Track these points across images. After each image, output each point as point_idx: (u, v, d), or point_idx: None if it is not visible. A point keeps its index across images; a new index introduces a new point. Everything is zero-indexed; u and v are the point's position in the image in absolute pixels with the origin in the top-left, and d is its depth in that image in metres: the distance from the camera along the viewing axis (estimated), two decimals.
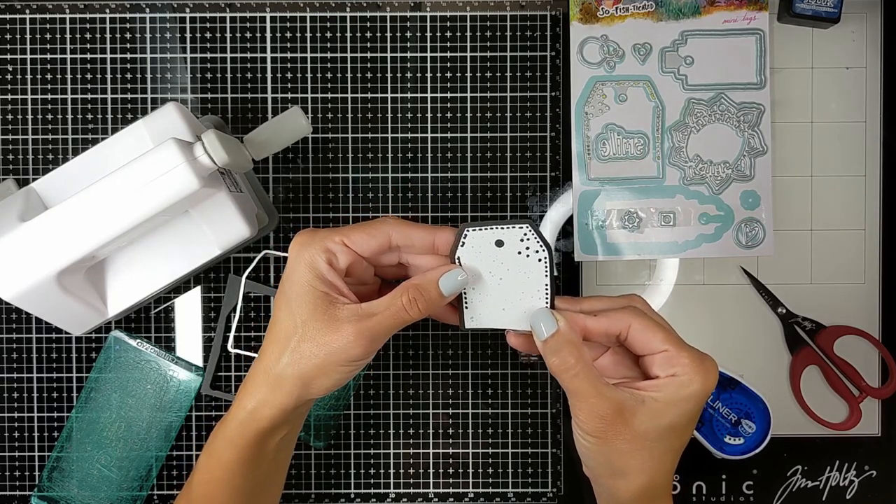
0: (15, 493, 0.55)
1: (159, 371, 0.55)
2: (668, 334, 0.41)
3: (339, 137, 0.55)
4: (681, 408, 0.40)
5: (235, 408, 0.43)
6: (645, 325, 0.41)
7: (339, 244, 0.42)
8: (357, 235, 0.42)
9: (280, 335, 0.42)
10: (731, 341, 0.55)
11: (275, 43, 0.55)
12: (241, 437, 0.42)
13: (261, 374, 0.42)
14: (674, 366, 0.40)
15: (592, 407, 0.40)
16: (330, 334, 0.41)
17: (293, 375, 0.41)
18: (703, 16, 0.53)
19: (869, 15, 0.55)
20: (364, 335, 0.41)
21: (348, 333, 0.41)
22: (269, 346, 0.42)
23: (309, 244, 0.42)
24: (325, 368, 0.41)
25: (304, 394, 0.42)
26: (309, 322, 0.41)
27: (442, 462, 0.56)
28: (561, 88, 0.55)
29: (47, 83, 0.55)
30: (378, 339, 0.42)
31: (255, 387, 0.42)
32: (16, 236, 0.43)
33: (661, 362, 0.41)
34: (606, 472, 0.42)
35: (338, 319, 0.41)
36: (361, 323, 0.41)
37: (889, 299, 0.55)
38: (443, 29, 0.55)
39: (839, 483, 0.55)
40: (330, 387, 0.42)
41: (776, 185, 0.54)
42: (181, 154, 0.42)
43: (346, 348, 0.41)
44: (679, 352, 0.40)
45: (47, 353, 0.55)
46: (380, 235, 0.43)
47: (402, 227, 0.43)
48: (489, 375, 0.55)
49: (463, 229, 0.42)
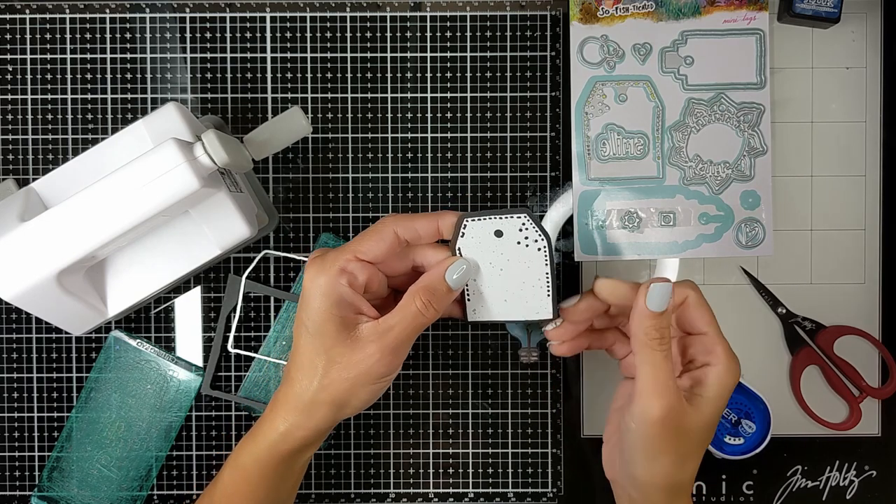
0: (15, 493, 0.55)
1: (159, 371, 0.55)
2: (713, 319, 0.43)
3: (339, 137, 0.55)
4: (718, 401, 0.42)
5: (267, 428, 0.43)
6: (699, 301, 0.43)
7: (352, 261, 0.42)
8: (366, 244, 0.42)
9: (305, 363, 0.42)
10: (731, 341, 0.55)
11: (275, 43, 0.55)
12: (270, 458, 0.43)
13: (292, 399, 0.43)
14: (710, 352, 0.42)
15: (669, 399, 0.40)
16: (355, 356, 0.41)
17: (325, 401, 0.42)
18: (703, 16, 0.53)
19: (869, 15, 0.55)
20: (387, 351, 0.41)
21: (373, 353, 0.41)
22: (297, 374, 0.43)
23: (322, 270, 0.42)
24: (356, 390, 0.42)
25: (338, 416, 0.43)
26: (334, 348, 0.41)
27: (442, 462, 0.56)
28: (561, 88, 0.55)
29: (47, 83, 0.55)
30: (401, 350, 0.42)
31: (288, 411, 0.43)
32: (16, 236, 0.43)
33: (700, 346, 0.43)
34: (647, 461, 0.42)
35: (360, 340, 0.42)
36: (382, 340, 0.41)
37: (889, 299, 0.55)
38: (443, 29, 0.55)
39: (839, 483, 0.55)
40: (362, 406, 0.43)
41: (776, 185, 0.54)
42: (181, 154, 0.42)
43: (372, 368, 0.41)
44: (717, 339, 0.43)
45: (47, 353, 0.55)
46: (387, 236, 0.43)
47: (404, 221, 0.43)
48: (489, 375, 0.55)
49: (462, 219, 0.42)
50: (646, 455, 0.42)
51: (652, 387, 0.40)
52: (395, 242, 0.43)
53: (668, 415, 0.40)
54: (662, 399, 0.40)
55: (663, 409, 0.40)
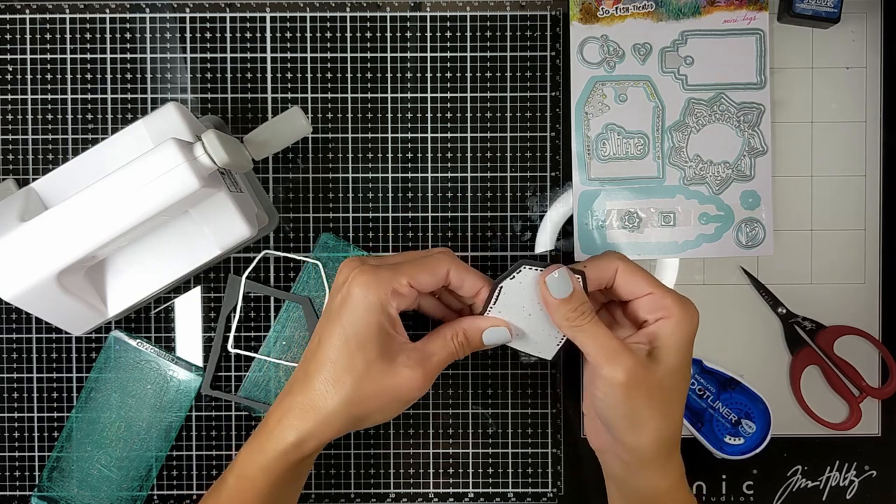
0: (15, 493, 0.55)
1: (159, 371, 0.55)
2: (651, 278, 0.44)
3: (339, 137, 0.55)
4: (681, 349, 0.43)
5: (275, 437, 0.42)
6: (630, 269, 0.44)
7: (406, 286, 0.43)
8: (421, 276, 0.43)
9: (336, 373, 0.42)
10: (731, 341, 0.55)
11: (275, 43, 0.55)
12: (279, 467, 0.42)
13: (308, 408, 0.42)
14: (660, 308, 0.43)
15: (625, 359, 0.41)
16: (395, 377, 0.42)
17: (348, 413, 0.42)
18: (703, 16, 0.53)
19: (869, 15, 0.55)
20: (428, 376, 0.43)
21: (415, 376, 0.42)
22: (319, 380, 0.42)
23: (376, 286, 0.42)
24: (385, 408, 0.42)
25: (354, 427, 0.43)
26: (375, 364, 0.41)
27: (442, 462, 0.56)
28: (561, 88, 0.55)
29: (47, 83, 0.55)
30: (435, 376, 0.44)
31: (300, 420, 0.42)
32: (16, 236, 0.43)
33: (648, 305, 0.43)
34: (629, 425, 0.42)
35: (400, 362, 0.42)
36: (425, 366, 0.42)
37: (889, 299, 0.55)
38: (443, 29, 0.55)
39: (839, 483, 0.55)
40: (380, 422, 0.44)
41: (776, 185, 0.54)
42: (181, 154, 0.42)
43: (410, 390, 0.42)
44: (664, 294, 0.43)
45: (47, 353, 0.55)
46: (439, 274, 0.44)
47: (459, 270, 0.44)
48: (489, 375, 0.55)
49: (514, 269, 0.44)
50: (626, 420, 0.42)
51: (602, 356, 0.42)
52: (442, 283, 0.44)
53: (628, 375, 0.41)
54: (615, 362, 0.41)
55: (621, 371, 0.41)
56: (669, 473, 0.44)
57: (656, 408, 0.42)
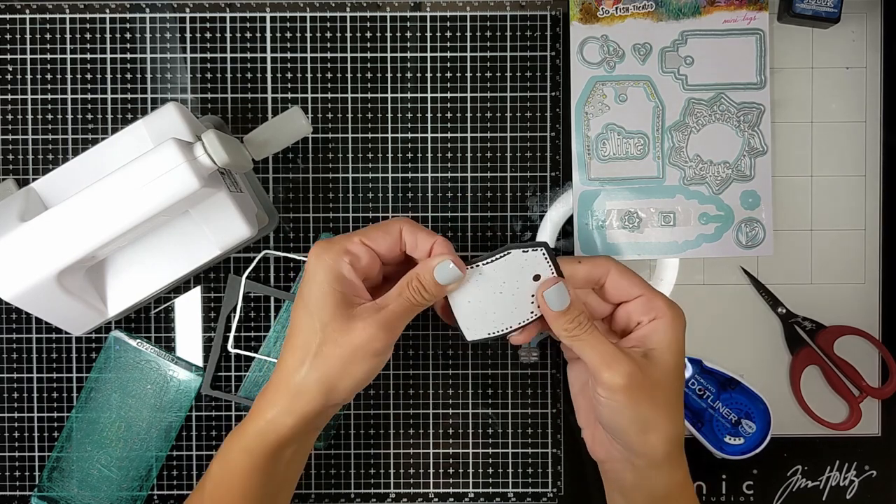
0: (15, 493, 0.55)
1: (159, 371, 0.55)
2: (642, 281, 0.45)
3: (339, 137, 0.55)
4: (675, 348, 0.43)
5: (254, 417, 0.43)
6: (622, 271, 0.45)
7: (358, 244, 0.43)
8: (373, 233, 0.44)
9: (299, 342, 0.42)
10: (731, 341, 0.55)
11: (275, 43, 0.55)
12: (258, 446, 0.43)
13: (281, 383, 0.43)
14: (652, 309, 0.44)
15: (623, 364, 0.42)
16: (351, 333, 0.42)
17: (316, 381, 0.42)
18: (703, 16, 0.53)
19: (869, 15, 0.55)
20: (382, 325, 0.42)
21: (369, 327, 0.42)
22: (289, 355, 0.43)
23: (328, 249, 0.43)
24: (348, 367, 0.42)
25: (327, 399, 0.42)
26: (330, 324, 0.42)
27: (442, 462, 0.56)
28: (561, 88, 0.55)
29: (47, 83, 0.55)
30: (395, 327, 0.43)
31: (275, 396, 0.43)
32: (16, 236, 0.43)
33: (640, 307, 0.44)
34: (637, 429, 0.43)
35: (356, 317, 0.42)
36: (379, 314, 0.42)
37: (889, 299, 0.55)
38: (443, 29, 0.55)
39: (839, 483, 0.55)
40: (353, 387, 0.43)
41: (776, 185, 0.54)
42: (181, 154, 0.42)
43: (367, 343, 0.42)
44: (654, 296, 0.44)
45: (47, 353, 0.55)
46: (393, 232, 0.44)
47: (411, 227, 0.44)
48: (489, 375, 0.55)
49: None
50: (633, 423, 0.43)
51: (601, 363, 0.42)
52: (398, 241, 0.44)
53: (629, 379, 0.41)
54: (615, 368, 0.41)
55: (622, 375, 0.41)
56: (679, 470, 0.45)
57: (660, 407, 0.42)
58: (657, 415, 0.42)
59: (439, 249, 0.44)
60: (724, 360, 0.55)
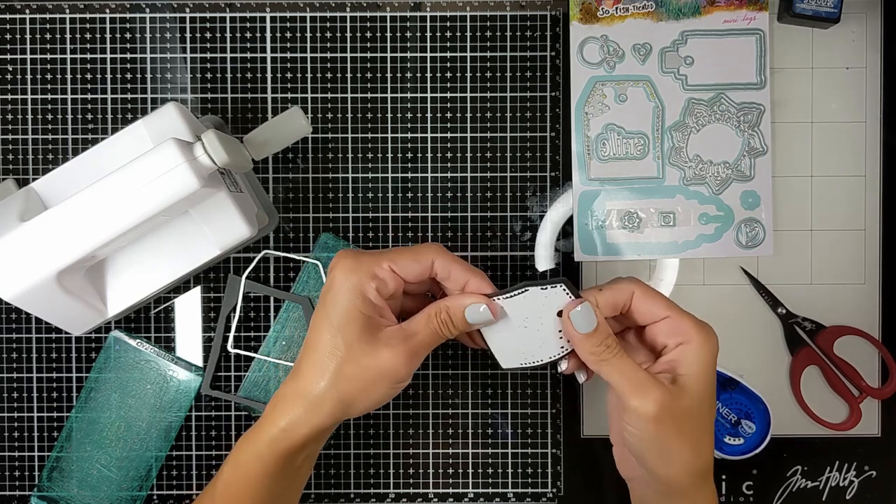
0: (15, 493, 0.55)
1: (159, 371, 0.55)
2: (668, 301, 0.43)
3: (339, 137, 0.55)
4: (704, 375, 0.42)
5: (267, 424, 0.43)
6: (646, 292, 0.43)
7: (387, 270, 0.43)
8: (403, 261, 0.43)
9: (321, 356, 0.42)
10: (731, 341, 0.55)
11: (275, 43, 0.55)
12: (271, 453, 0.43)
13: (298, 394, 0.43)
14: (679, 332, 0.42)
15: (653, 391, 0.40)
16: (377, 358, 0.42)
17: (334, 398, 0.42)
18: (703, 16, 0.53)
19: (869, 15, 0.55)
20: (409, 354, 0.42)
21: (396, 355, 0.42)
22: (308, 368, 0.43)
23: (356, 270, 0.42)
24: (369, 389, 0.42)
25: (343, 415, 0.43)
26: (355, 345, 0.42)
27: (442, 462, 0.56)
28: (561, 88, 0.55)
29: (47, 83, 0.55)
30: (420, 355, 0.43)
31: (291, 406, 0.43)
32: (16, 236, 0.43)
33: (666, 329, 0.43)
34: (661, 459, 0.42)
35: (382, 342, 0.42)
36: (406, 344, 0.42)
37: (889, 299, 0.55)
38: (443, 29, 0.55)
39: (839, 483, 0.55)
40: (369, 408, 0.43)
41: (776, 185, 0.54)
42: (181, 154, 0.42)
43: (392, 369, 0.42)
44: (681, 317, 0.42)
45: (47, 353, 0.55)
46: (424, 262, 0.44)
47: (445, 260, 0.44)
48: (489, 375, 0.55)
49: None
50: (657, 453, 0.42)
51: (630, 390, 0.41)
52: (428, 270, 0.44)
53: (658, 407, 0.40)
54: (645, 394, 0.40)
55: (651, 403, 0.40)
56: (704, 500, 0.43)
57: (686, 438, 0.41)
58: (682, 445, 0.41)
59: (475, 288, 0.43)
60: (724, 360, 0.55)
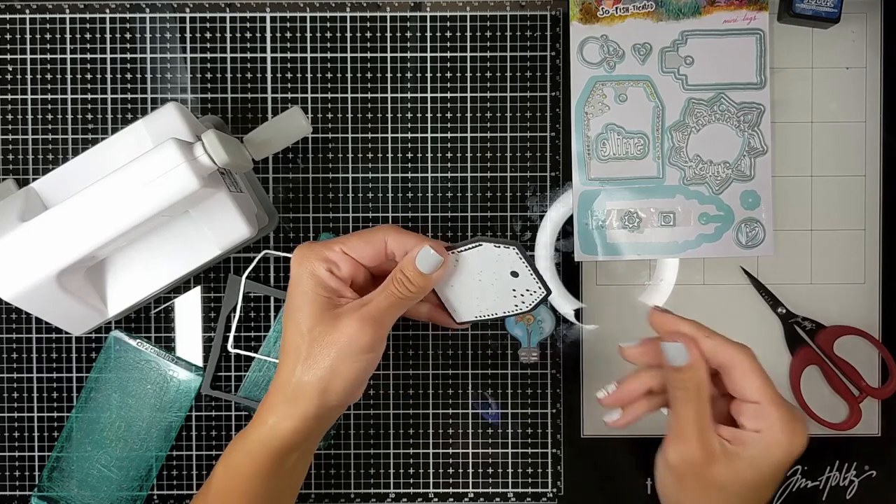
0: (15, 493, 0.55)
1: (159, 371, 0.55)
2: (765, 385, 0.41)
3: (339, 137, 0.55)
4: (763, 470, 0.40)
5: (256, 423, 0.43)
6: (749, 369, 0.41)
7: (337, 252, 0.44)
8: (354, 242, 0.44)
9: (290, 347, 0.43)
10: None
11: (275, 43, 0.55)
12: (261, 451, 0.43)
13: (279, 389, 0.43)
14: (762, 421, 0.40)
15: (687, 448, 0.40)
16: (336, 332, 0.42)
17: (309, 383, 0.42)
18: (703, 16, 0.53)
19: (869, 15, 0.55)
20: (366, 319, 0.42)
21: (352, 322, 0.42)
22: (283, 361, 0.43)
23: (308, 256, 0.43)
24: (338, 365, 0.42)
25: (323, 400, 0.42)
26: (315, 327, 0.42)
27: (442, 462, 0.56)
28: (561, 88, 0.55)
29: (47, 83, 0.55)
30: (381, 322, 0.43)
31: (275, 402, 0.43)
32: (16, 236, 0.43)
33: (751, 413, 0.41)
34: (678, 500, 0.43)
35: (340, 315, 0.42)
36: (362, 309, 0.42)
37: (889, 299, 0.55)
38: (443, 29, 0.55)
39: (839, 483, 0.55)
40: (346, 387, 0.43)
41: (776, 185, 0.54)
42: (181, 154, 0.42)
43: (353, 338, 0.42)
44: (770, 407, 0.40)
45: (47, 353, 0.55)
46: (376, 242, 0.44)
47: (397, 235, 0.44)
48: (489, 375, 0.55)
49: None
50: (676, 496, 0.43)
51: (674, 433, 0.41)
52: (382, 251, 0.44)
53: (682, 463, 0.41)
54: (679, 447, 0.41)
55: (678, 455, 0.41)
56: None
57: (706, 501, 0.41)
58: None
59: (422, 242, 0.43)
60: None
